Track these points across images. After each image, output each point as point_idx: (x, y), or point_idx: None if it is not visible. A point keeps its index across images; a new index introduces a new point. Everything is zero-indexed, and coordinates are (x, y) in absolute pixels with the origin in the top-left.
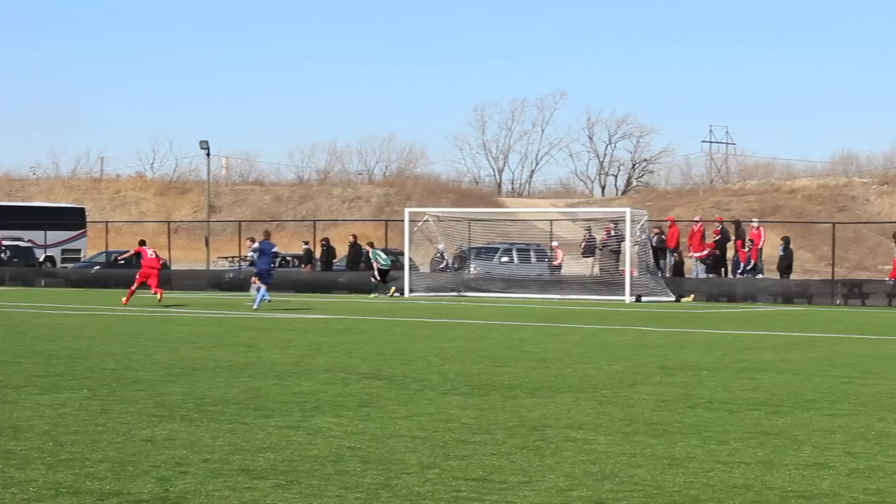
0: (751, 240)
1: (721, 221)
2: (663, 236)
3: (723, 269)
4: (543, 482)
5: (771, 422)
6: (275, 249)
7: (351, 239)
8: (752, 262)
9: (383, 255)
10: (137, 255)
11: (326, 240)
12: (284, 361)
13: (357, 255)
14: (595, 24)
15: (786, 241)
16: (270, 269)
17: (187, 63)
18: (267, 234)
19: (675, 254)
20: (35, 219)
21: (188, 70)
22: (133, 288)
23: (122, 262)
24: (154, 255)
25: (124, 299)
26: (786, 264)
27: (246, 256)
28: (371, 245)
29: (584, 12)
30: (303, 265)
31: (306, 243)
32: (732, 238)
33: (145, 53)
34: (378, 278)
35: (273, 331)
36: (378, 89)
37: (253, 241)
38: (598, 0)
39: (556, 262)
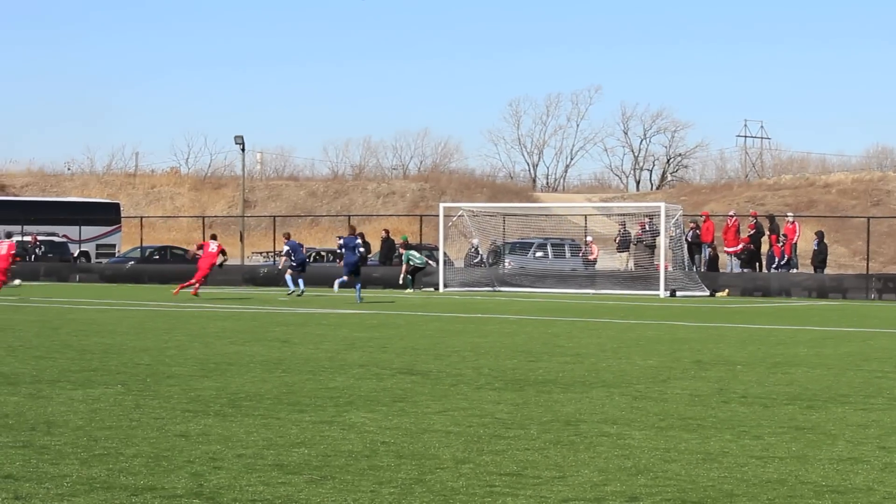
0: (784, 234)
1: (756, 216)
2: (698, 231)
3: (757, 264)
4: (577, 477)
5: (805, 416)
6: (357, 242)
7: (383, 234)
8: (787, 256)
9: (417, 254)
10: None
11: (361, 235)
12: (318, 356)
13: (390, 250)
14: (630, 19)
15: (820, 235)
16: (357, 263)
17: (222, 58)
18: (352, 230)
19: (709, 248)
20: (70, 214)
21: (223, 65)
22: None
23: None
24: (215, 250)
25: (187, 290)
26: (820, 259)
27: (280, 252)
28: (405, 245)
29: (619, 6)
30: (337, 260)
31: (340, 238)
32: (767, 233)
33: (180, 48)
34: (409, 277)
35: (307, 326)
36: (413, 84)
37: (288, 237)
38: None
39: (591, 257)
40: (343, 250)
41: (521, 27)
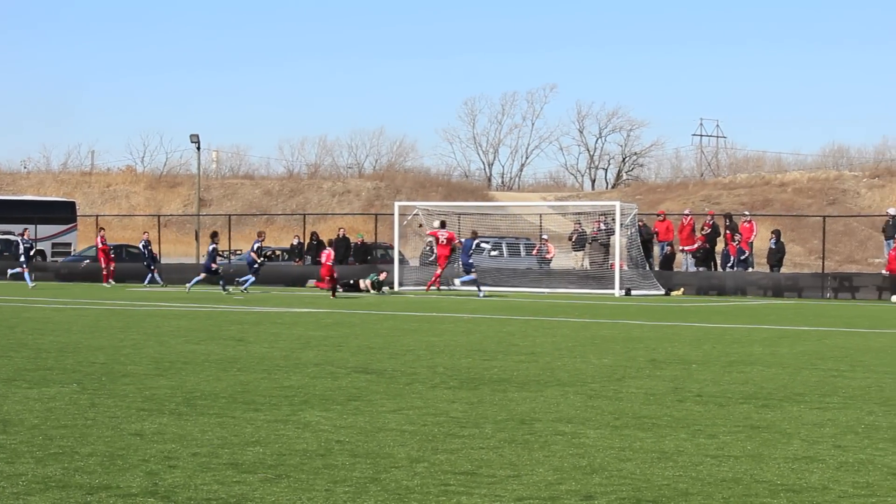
0: (739, 233)
1: (712, 215)
2: (650, 228)
3: (712, 263)
4: (532, 476)
5: (760, 415)
6: (476, 241)
7: (339, 233)
8: (745, 252)
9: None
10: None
11: (315, 233)
12: (273, 355)
13: (346, 249)
14: (586, 18)
15: (776, 234)
16: (471, 263)
17: (178, 57)
18: (474, 234)
19: (666, 247)
20: (25, 212)
21: (179, 64)
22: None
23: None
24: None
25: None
26: (776, 258)
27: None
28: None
29: (575, 5)
30: (295, 259)
31: (297, 237)
32: (723, 231)
33: (137, 48)
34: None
35: (262, 325)
36: (368, 83)
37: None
38: None
39: (547, 256)
40: (461, 251)
41: (476, 26)
